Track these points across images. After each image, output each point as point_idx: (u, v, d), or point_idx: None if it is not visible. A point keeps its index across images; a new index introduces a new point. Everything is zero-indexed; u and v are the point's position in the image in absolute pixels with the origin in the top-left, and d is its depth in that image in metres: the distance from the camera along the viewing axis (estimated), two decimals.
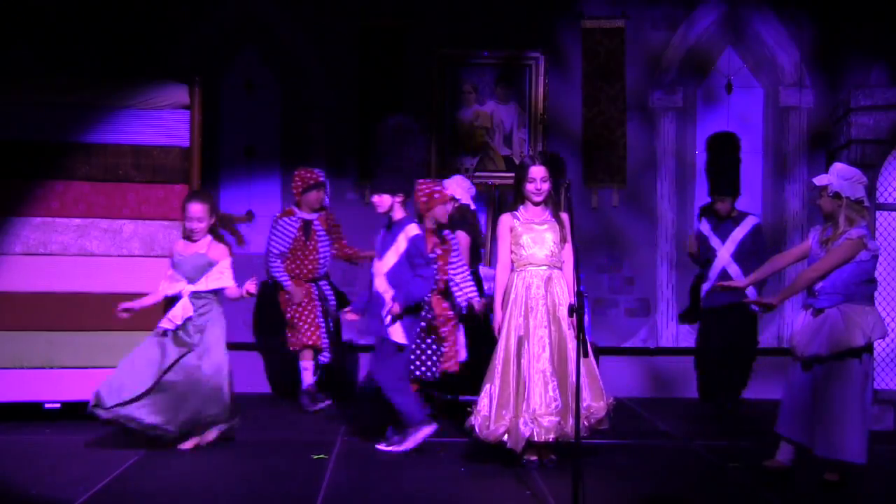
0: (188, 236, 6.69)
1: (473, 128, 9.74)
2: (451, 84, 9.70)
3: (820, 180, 6.06)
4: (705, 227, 8.53)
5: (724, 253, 8.37)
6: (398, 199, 6.63)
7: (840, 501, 5.81)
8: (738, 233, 8.35)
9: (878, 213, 8.18)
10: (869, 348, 5.94)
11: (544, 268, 6.34)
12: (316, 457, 6.52)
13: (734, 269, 8.28)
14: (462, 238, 7.88)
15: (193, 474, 6.09)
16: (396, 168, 6.63)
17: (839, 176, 6.01)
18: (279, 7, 9.55)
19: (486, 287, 8.67)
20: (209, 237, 6.70)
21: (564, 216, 6.29)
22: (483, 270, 9.15)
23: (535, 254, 6.34)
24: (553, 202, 6.40)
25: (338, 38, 9.55)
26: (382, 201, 6.63)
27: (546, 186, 6.36)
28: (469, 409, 6.37)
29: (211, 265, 6.64)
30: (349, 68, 9.55)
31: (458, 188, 8.05)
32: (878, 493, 6.05)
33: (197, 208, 6.66)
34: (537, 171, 6.37)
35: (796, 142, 9.71)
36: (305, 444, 6.84)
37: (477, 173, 9.67)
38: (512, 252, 6.42)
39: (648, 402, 8.99)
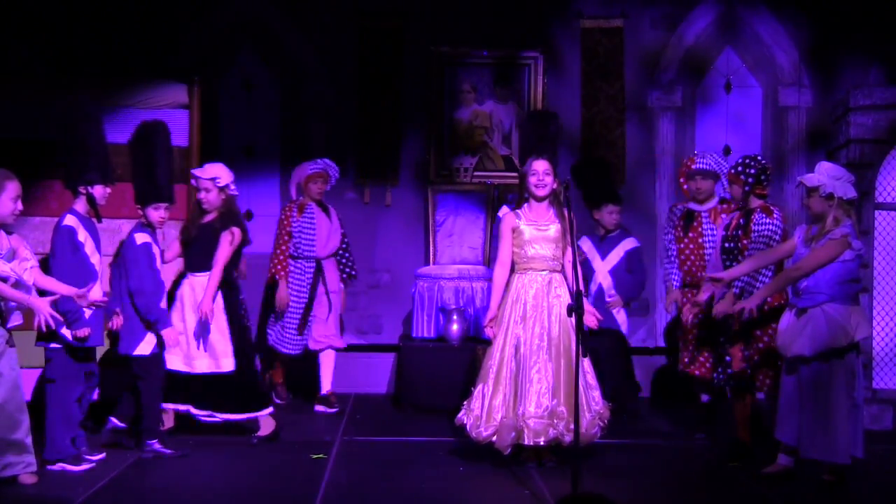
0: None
1: (472, 127, 9.74)
2: (450, 83, 9.69)
3: (811, 181, 6.02)
4: None
5: None
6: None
7: (840, 501, 5.81)
8: None
9: (876, 213, 8.18)
10: (853, 347, 5.92)
11: (545, 271, 6.31)
12: (315, 456, 6.52)
13: None
14: (229, 239, 6.91)
15: (193, 474, 6.10)
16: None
17: (830, 176, 5.99)
18: (278, 7, 9.54)
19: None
20: None
21: (570, 216, 6.06)
22: (481, 270, 9.16)
23: (536, 256, 6.31)
24: (558, 202, 6.32)
25: (337, 38, 9.54)
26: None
27: (549, 180, 6.31)
28: (462, 405, 6.37)
29: None
30: (348, 68, 9.54)
31: (228, 175, 7.10)
32: (878, 492, 6.06)
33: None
34: (539, 165, 6.34)
35: (795, 141, 9.70)
36: (305, 444, 6.85)
37: (476, 173, 9.68)
38: (514, 252, 6.39)
39: (648, 402, 8.99)
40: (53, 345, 6.06)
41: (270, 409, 7.01)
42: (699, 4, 9.72)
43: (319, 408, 8.18)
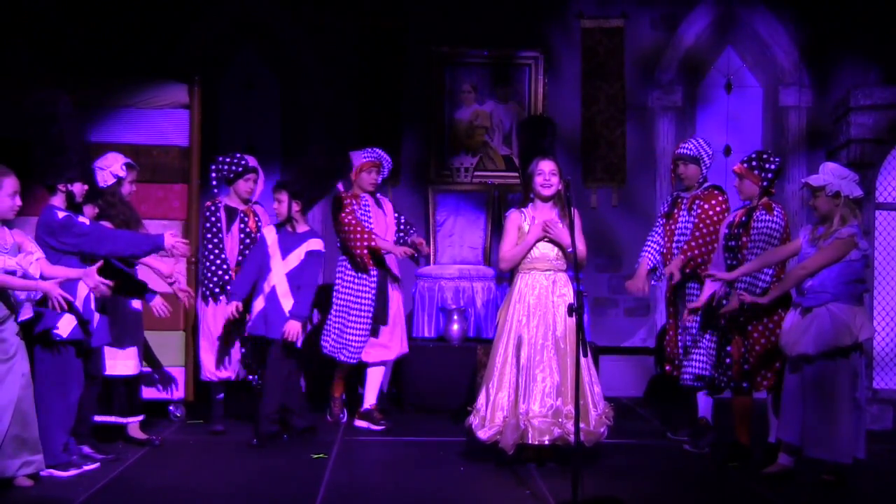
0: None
1: (473, 127, 9.74)
2: (450, 83, 9.70)
3: (816, 181, 6.01)
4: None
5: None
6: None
7: (840, 501, 5.80)
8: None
9: (876, 213, 8.18)
10: (857, 347, 5.91)
11: (550, 271, 6.31)
12: (315, 456, 6.52)
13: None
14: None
15: (193, 474, 6.09)
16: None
17: (835, 175, 5.98)
18: (279, 7, 9.54)
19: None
20: None
21: (574, 215, 5.94)
22: (482, 270, 9.16)
23: (540, 256, 6.30)
24: (562, 202, 6.27)
25: (337, 38, 9.55)
26: None
27: (555, 180, 6.29)
28: (469, 408, 6.38)
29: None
30: (348, 67, 9.55)
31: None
32: (878, 492, 6.05)
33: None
34: (546, 165, 6.33)
35: (795, 141, 9.71)
36: (305, 444, 6.84)
37: (476, 172, 9.68)
38: None
39: (648, 402, 8.99)
40: (58, 335, 5.84)
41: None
42: (699, 4, 9.74)
43: (361, 423, 7.53)
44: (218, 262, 7.24)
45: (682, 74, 9.80)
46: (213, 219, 7.27)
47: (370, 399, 7.60)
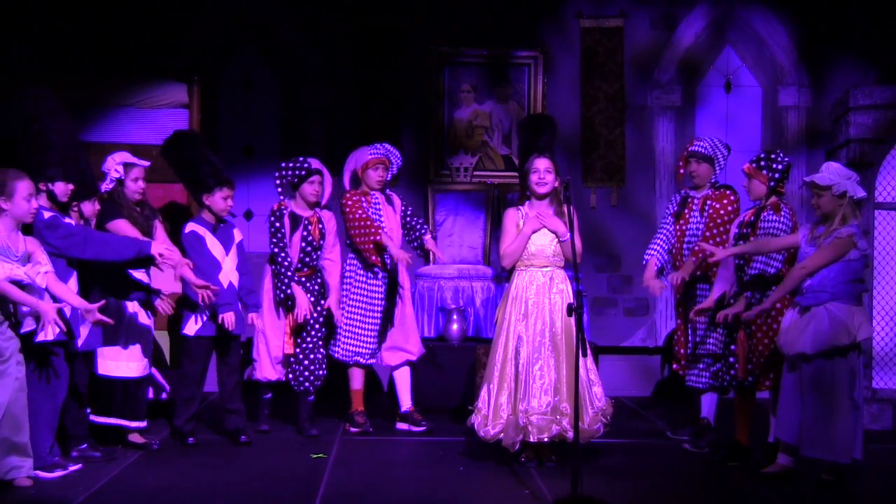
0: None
1: (472, 127, 9.75)
2: (450, 83, 9.70)
3: (822, 180, 6.00)
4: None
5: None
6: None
7: (839, 500, 5.80)
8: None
9: (876, 213, 8.18)
10: (855, 347, 5.91)
11: (547, 268, 6.33)
12: (315, 456, 6.52)
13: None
14: (123, 226, 6.51)
15: (192, 474, 6.08)
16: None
17: (840, 175, 5.98)
18: (278, 7, 9.55)
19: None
20: None
21: (572, 213, 5.93)
22: (481, 269, 9.16)
23: (538, 253, 6.33)
24: (558, 200, 6.30)
25: (337, 37, 9.56)
26: None
27: (550, 178, 6.31)
28: (470, 407, 6.38)
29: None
30: (348, 67, 9.55)
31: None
32: (878, 492, 6.05)
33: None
34: (541, 163, 6.35)
35: (794, 141, 9.71)
36: (304, 444, 6.85)
37: (476, 172, 9.68)
38: None
39: (648, 402, 8.99)
40: (43, 339, 5.74)
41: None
42: (698, 4, 9.74)
43: (402, 425, 7.38)
44: (284, 265, 7.01)
45: (680, 74, 9.81)
46: (278, 224, 7.04)
47: (406, 402, 7.40)
